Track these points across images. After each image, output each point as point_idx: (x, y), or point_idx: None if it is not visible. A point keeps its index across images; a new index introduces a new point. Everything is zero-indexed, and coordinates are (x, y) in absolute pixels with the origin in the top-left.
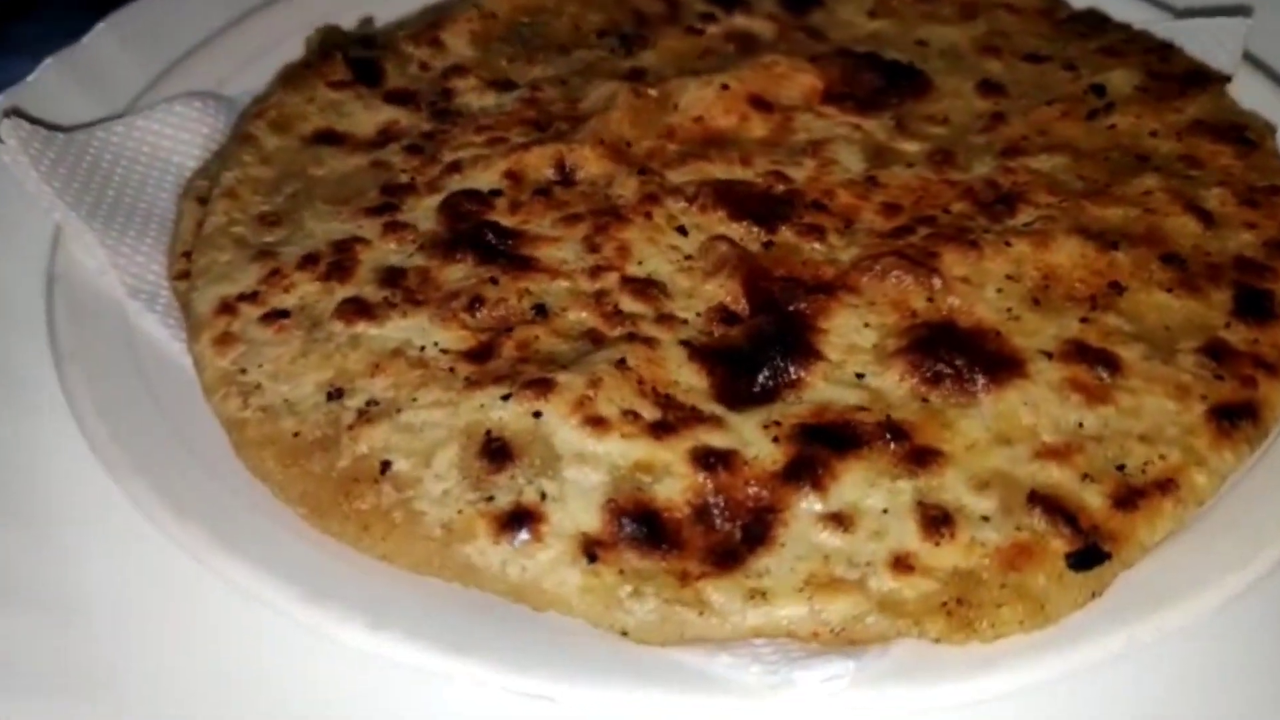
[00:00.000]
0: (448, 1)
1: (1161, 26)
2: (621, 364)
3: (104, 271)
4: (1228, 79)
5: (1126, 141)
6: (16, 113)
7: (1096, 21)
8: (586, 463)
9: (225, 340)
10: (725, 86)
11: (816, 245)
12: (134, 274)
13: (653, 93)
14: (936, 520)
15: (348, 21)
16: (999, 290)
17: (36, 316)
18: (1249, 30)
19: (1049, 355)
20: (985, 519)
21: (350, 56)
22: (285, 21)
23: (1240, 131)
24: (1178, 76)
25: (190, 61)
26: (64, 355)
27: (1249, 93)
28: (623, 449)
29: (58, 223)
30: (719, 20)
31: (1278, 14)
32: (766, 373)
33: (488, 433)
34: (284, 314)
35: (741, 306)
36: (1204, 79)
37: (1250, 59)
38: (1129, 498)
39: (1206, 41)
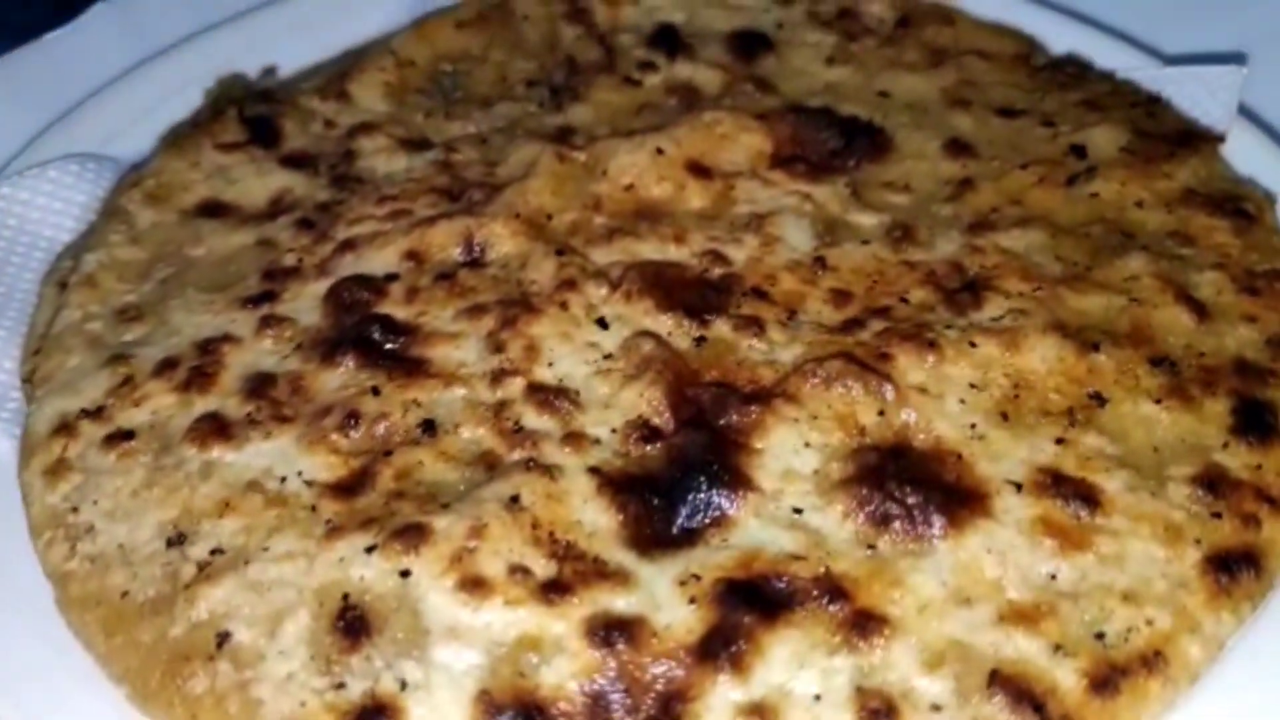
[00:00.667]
0: (365, 48)
1: (1149, 75)
2: (514, 502)
3: None
4: (1221, 139)
5: (1110, 214)
6: None
7: (1077, 70)
8: (460, 639)
9: (58, 470)
10: (660, 150)
11: (754, 342)
12: None
13: (579, 156)
14: (877, 713)
15: (256, 69)
16: (962, 402)
17: None
18: (1244, 80)
19: (1018, 487)
20: (936, 708)
21: (245, 114)
22: (186, 70)
23: (1237, 203)
24: (1167, 136)
25: (77, 115)
26: None
27: (1244, 152)
28: (506, 619)
29: None
30: (659, 69)
31: (1274, 61)
32: (688, 509)
33: (345, 597)
34: (129, 435)
35: (665, 419)
36: (1195, 139)
37: (1245, 112)
38: (1109, 678)
39: (1198, 92)
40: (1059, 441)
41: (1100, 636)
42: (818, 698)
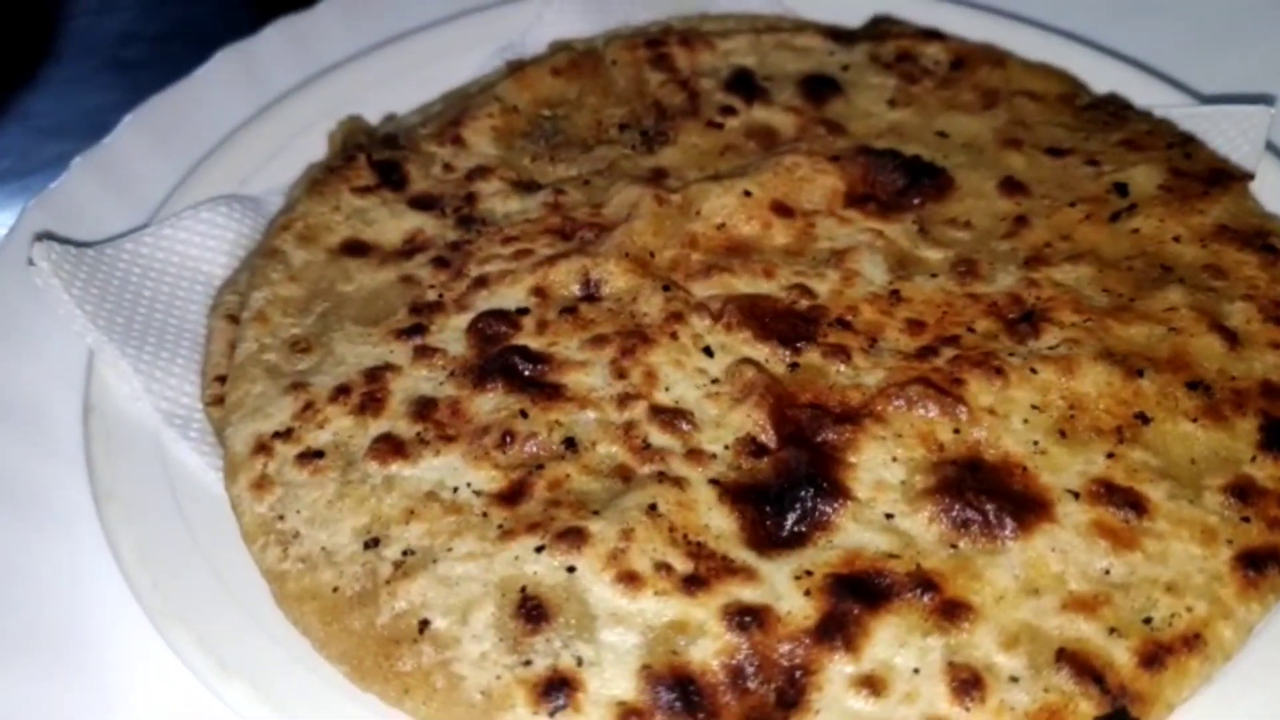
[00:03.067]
0: (466, 89)
1: (1183, 112)
2: (653, 510)
3: (138, 398)
4: (1250, 176)
5: (1150, 248)
6: (49, 235)
7: (1118, 109)
8: (621, 623)
9: (262, 484)
10: (747, 193)
11: (842, 368)
12: (168, 399)
13: (675, 199)
14: (966, 683)
15: (368, 110)
16: (1025, 421)
17: (75, 448)
18: (1271, 119)
19: (1076, 495)
20: (1014, 679)
21: (374, 159)
22: (305, 112)
23: (1265, 239)
24: (1201, 175)
25: (214, 159)
26: (103, 493)
27: (1272, 187)
28: (657, 608)
29: (90, 347)
30: (739, 113)
31: None
32: (797, 513)
33: (523, 590)
34: (319, 454)
35: (769, 437)
36: (1227, 177)
37: (1273, 150)
38: (1156, 655)
39: (1229, 130)
40: (1110, 456)
41: (1148, 621)
42: (916, 671)
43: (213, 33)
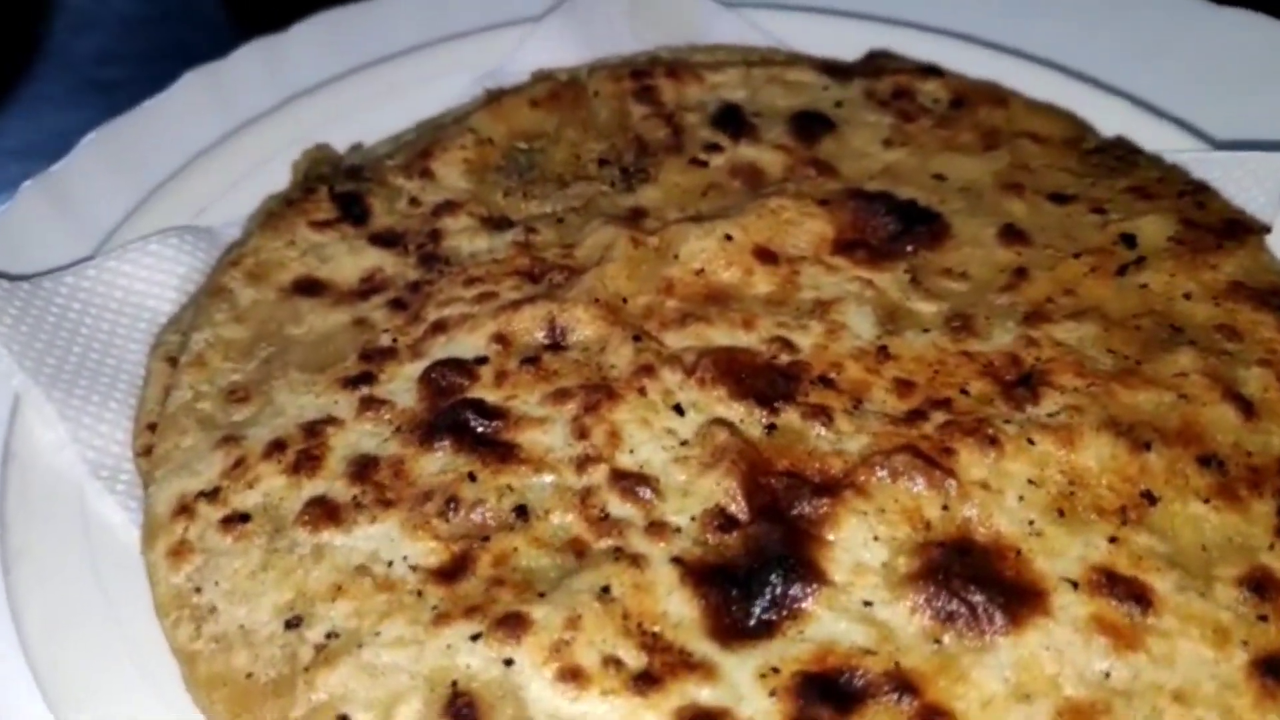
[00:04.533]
0: (441, 119)
1: (1195, 157)
2: (605, 593)
3: (63, 446)
4: (1267, 229)
5: (1159, 305)
6: None
7: (1127, 154)
8: None
9: (180, 551)
10: (729, 237)
11: (823, 431)
12: (96, 447)
13: (653, 241)
14: None
15: (340, 137)
16: (1020, 498)
17: None
18: None
19: (1074, 585)
20: None
21: (335, 191)
22: (272, 139)
23: None
24: (1214, 227)
25: (172, 185)
26: (13, 551)
27: None
28: (602, 710)
29: (15, 389)
30: (724, 150)
31: None
32: (766, 600)
33: (454, 684)
34: (245, 518)
35: (740, 508)
36: (1242, 230)
37: None
38: None
39: (1244, 179)
40: (1112, 540)
41: None
42: None
43: (196, 52)
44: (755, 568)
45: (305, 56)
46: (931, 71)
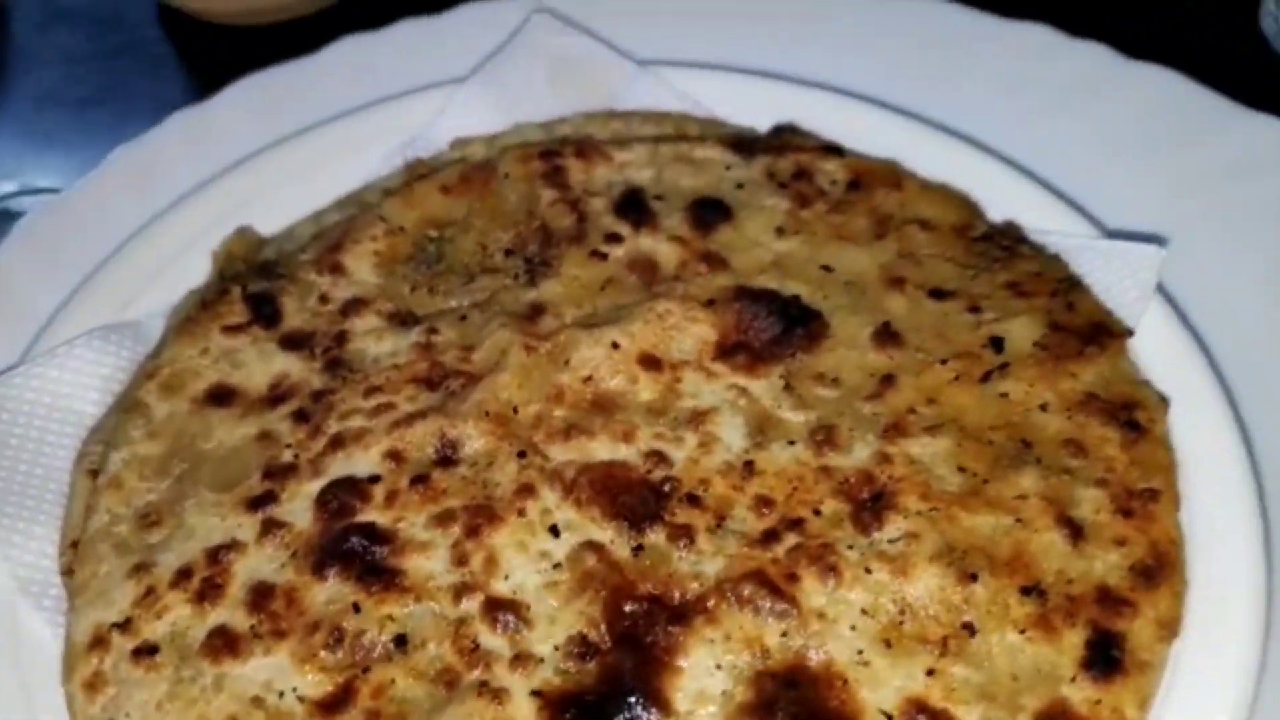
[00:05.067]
0: (364, 194)
1: (1079, 243)
2: None
3: None
4: (1129, 333)
5: (1016, 417)
6: None
7: (1012, 243)
8: None
9: (95, 684)
10: (616, 344)
11: (684, 553)
12: (26, 564)
13: (545, 348)
14: None
15: (267, 212)
16: (853, 628)
17: None
18: (1163, 261)
19: (889, 718)
20: None
21: (248, 291)
22: (197, 219)
23: (1130, 412)
24: (1080, 330)
25: (100, 276)
26: None
27: (1156, 334)
28: None
29: None
30: (624, 240)
31: (1195, 238)
32: None
33: None
34: (154, 649)
35: (601, 634)
36: (1105, 334)
37: (1162, 291)
38: None
39: (1119, 270)
40: (929, 672)
41: None
42: None
43: (137, 95)
44: (608, 696)
45: (230, 129)
46: (832, 150)
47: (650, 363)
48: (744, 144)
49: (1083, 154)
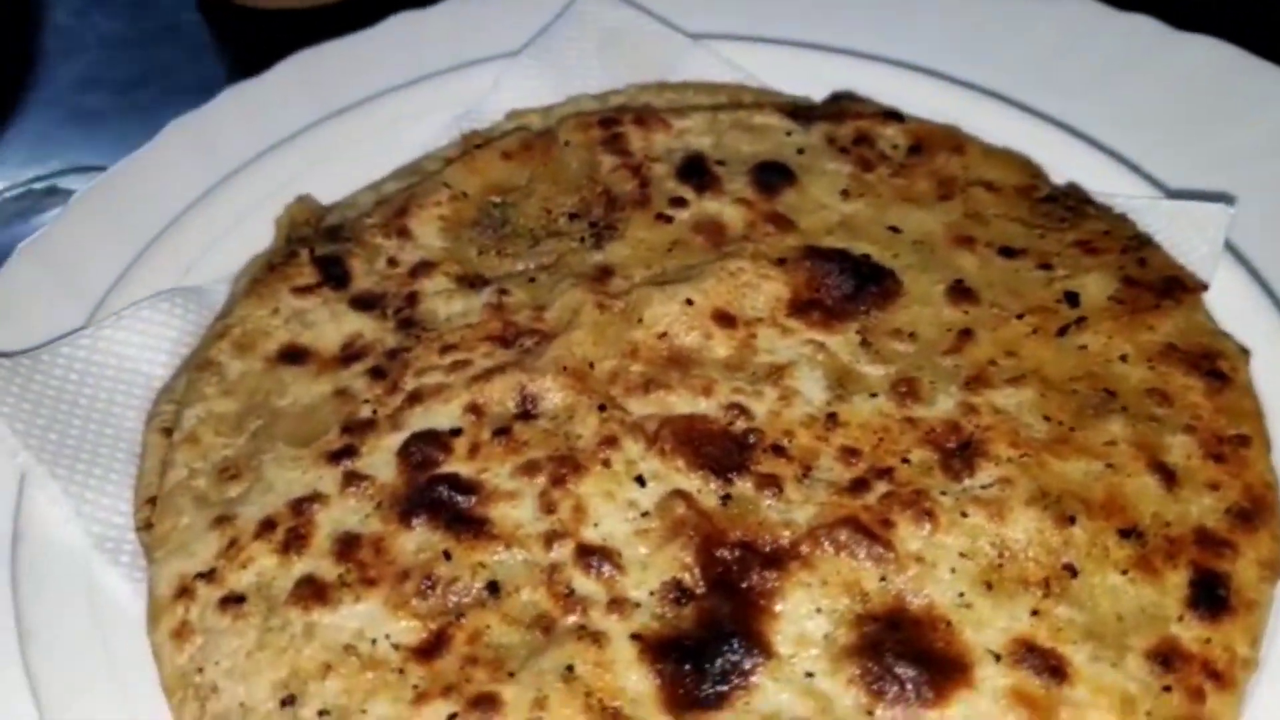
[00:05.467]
0: (422, 164)
1: (1145, 206)
2: (569, 671)
3: (68, 520)
4: (1204, 287)
5: (1096, 368)
6: None
7: (1077, 203)
8: None
9: (183, 632)
10: (690, 301)
11: (773, 501)
12: (100, 521)
13: (618, 305)
14: None
15: (323, 183)
16: (953, 570)
17: (2, 581)
18: (1231, 220)
19: (997, 657)
20: None
21: (316, 254)
22: (255, 190)
23: (1213, 362)
24: (1153, 285)
25: (160, 243)
26: (26, 630)
27: (1229, 293)
28: None
29: (20, 469)
30: (689, 205)
31: (1260, 201)
32: (717, 673)
33: None
34: (240, 599)
35: (696, 579)
36: (1180, 289)
37: (1231, 249)
38: None
39: (1187, 228)
40: (1034, 613)
41: None
42: None
43: (179, 77)
44: (707, 640)
45: (285, 102)
46: (892, 116)
47: (724, 319)
48: (801, 111)
49: (1137, 121)
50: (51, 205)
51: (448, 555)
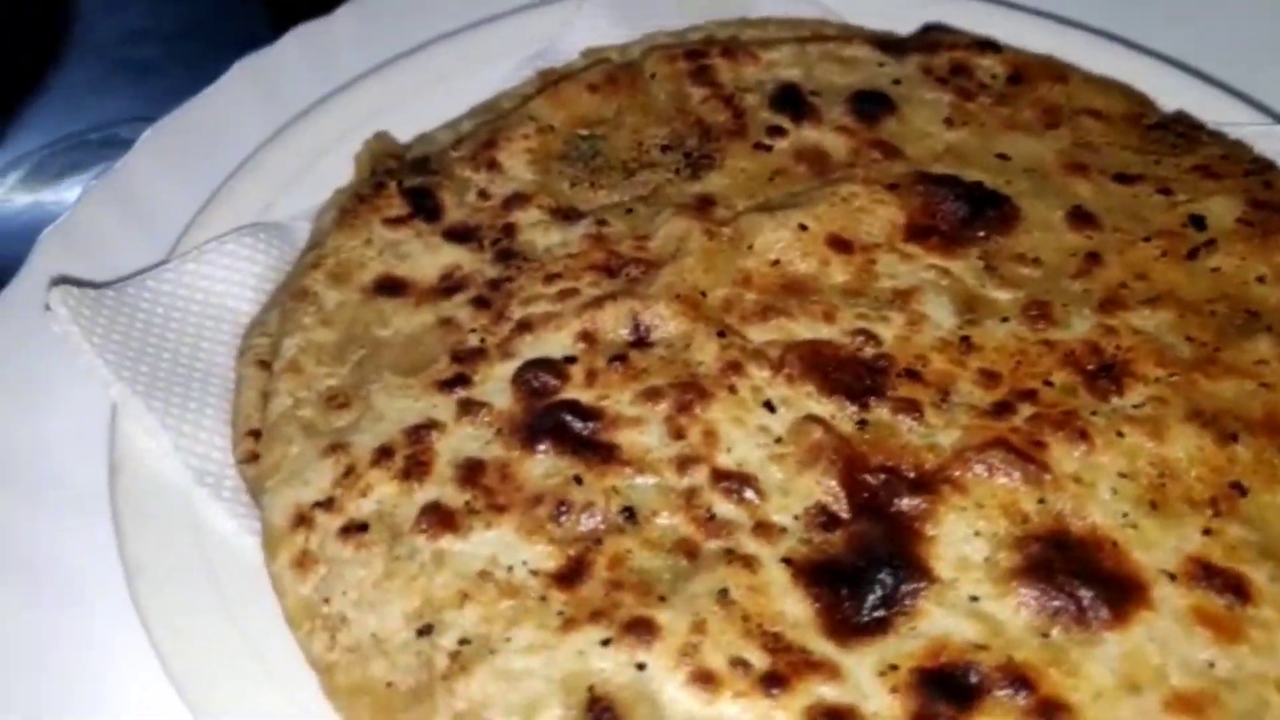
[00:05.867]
0: (497, 102)
1: (1256, 130)
2: (724, 596)
3: (166, 455)
4: None
5: (1232, 290)
6: (65, 272)
7: (1188, 129)
8: None
9: (304, 562)
10: (803, 226)
11: (914, 425)
12: (199, 454)
13: (726, 232)
14: None
15: (394, 124)
16: (1114, 491)
17: (100, 514)
18: None
19: (1172, 577)
20: None
21: (404, 186)
22: (328, 130)
23: None
24: None
25: (235, 182)
26: (132, 565)
27: None
28: (736, 711)
29: (114, 400)
30: (788, 134)
31: None
32: (876, 597)
33: (590, 689)
34: (363, 527)
35: (841, 505)
36: None
37: None
38: None
39: None
40: (1206, 532)
41: None
42: None
43: (226, 29)
44: (862, 566)
45: (351, 41)
46: (988, 46)
47: (840, 245)
48: (892, 44)
49: (1238, 51)
50: (109, 156)
51: (578, 480)
